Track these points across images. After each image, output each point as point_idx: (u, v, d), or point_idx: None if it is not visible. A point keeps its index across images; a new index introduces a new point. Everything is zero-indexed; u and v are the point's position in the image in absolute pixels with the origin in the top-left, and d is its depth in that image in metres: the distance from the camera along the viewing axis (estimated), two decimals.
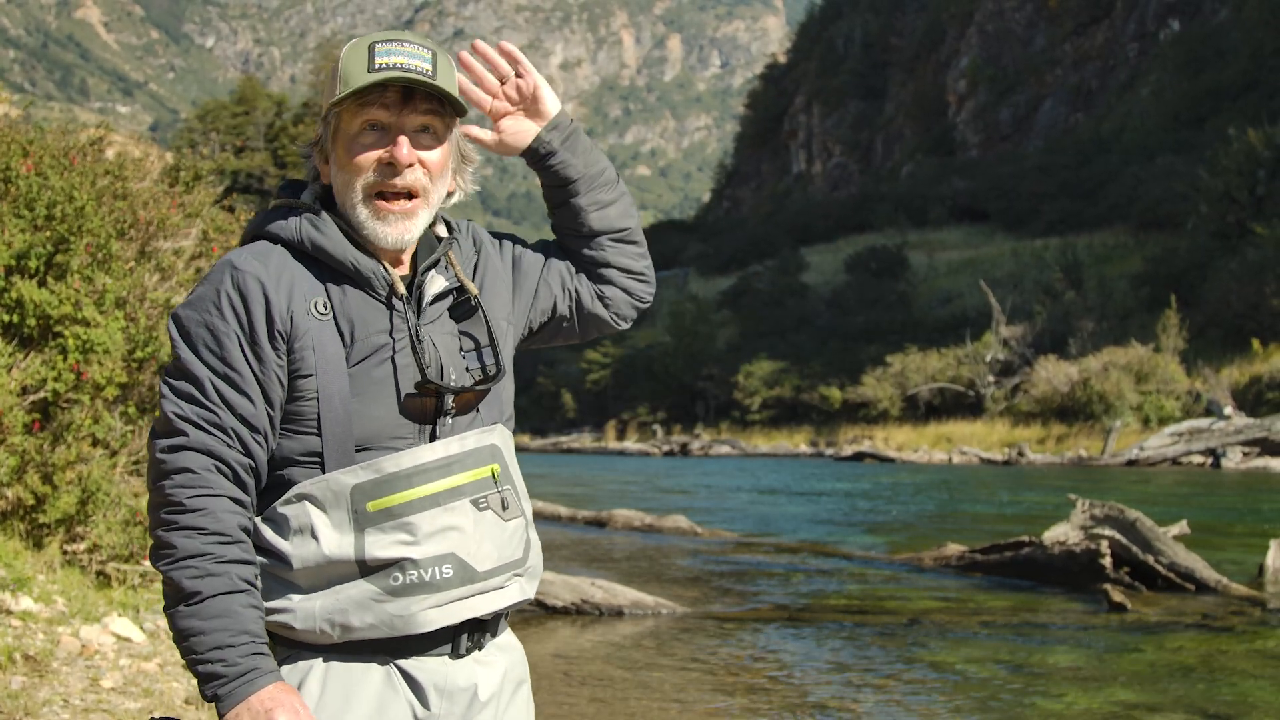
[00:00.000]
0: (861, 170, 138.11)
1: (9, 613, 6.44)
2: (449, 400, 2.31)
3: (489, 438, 2.35)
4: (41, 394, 7.38)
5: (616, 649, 9.09)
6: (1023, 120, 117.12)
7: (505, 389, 2.47)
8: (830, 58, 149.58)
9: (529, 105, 2.56)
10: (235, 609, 2.15)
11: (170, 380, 2.24)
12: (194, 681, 1.99)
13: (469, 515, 2.28)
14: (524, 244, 2.62)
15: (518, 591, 2.37)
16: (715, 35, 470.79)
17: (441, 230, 2.46)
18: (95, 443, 7.59)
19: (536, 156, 2.56)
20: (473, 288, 2.39)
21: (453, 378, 2.32)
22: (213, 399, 2.21)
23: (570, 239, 2.62)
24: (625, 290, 2.65)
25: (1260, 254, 50.08)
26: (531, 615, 10.32)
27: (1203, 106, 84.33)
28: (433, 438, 2.30)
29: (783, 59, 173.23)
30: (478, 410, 2.38)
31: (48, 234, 7.53)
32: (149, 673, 6.15)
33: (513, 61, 2.55)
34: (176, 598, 2.16)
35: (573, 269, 2.62)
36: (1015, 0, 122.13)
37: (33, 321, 7.41)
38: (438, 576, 2.23)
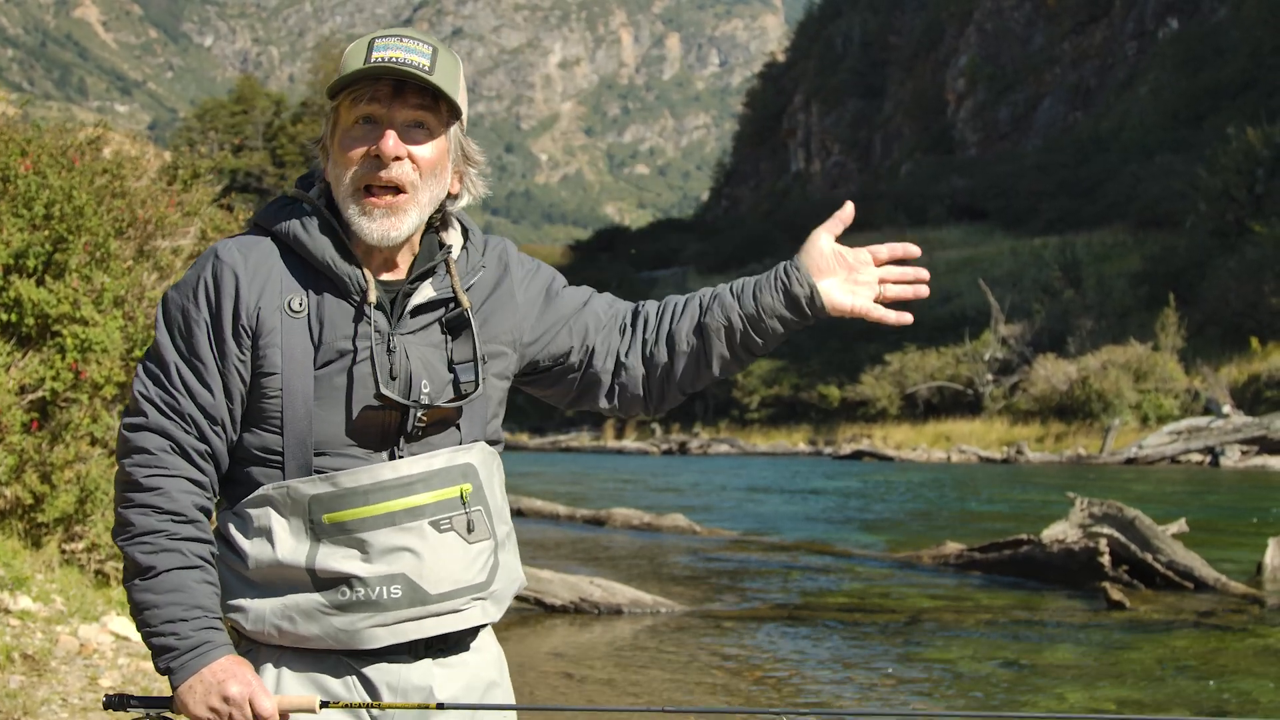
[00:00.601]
0: (860, 169, 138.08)
1: (7, 612, 6.44)
2: (416, 414, 2.27)
3: (464, 456, 2.31)
4: (40, 393, 7.38)
5: (615, 647, 9.10)
6: (1021, 119, 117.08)
7: (495, 408, 2.42)
8: (829, 56, 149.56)
9: (856, 284, 2.50)
10: (189, 584, 2.17)
11: (145, 360, 2.28)
12: None
13: (425, 537, 2.25)
14: (564, 284, 2.54)
15: (479, 614, 2.32)
16: (714, 34, 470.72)
17: (451, 237, 2.41)
18: (94, 442, 7.59)
19: (804, 308, 2.47)
20: (465, 300, 2.33)
21: (425, 392, 2.28)
22: (176, 384, 2.23)
23: (688, 323, 2.50)
24: (645, 385, 2.53)
25: (1259, 252, 50.08)
26: (530, 614, 10.32)
27: (1201, 105, 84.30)
28: (393, 453, 2.27)
29: (781, 58, 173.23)
30: (458, 427, 2.33)
31: (46, 233, 7.53)
32: (147, 671, 6.15)
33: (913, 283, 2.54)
34: (133, 572, 2.19)
35: (603, 326, 2.53)
36: None
37: (31, 320, 7.41)
38: (385, 596, 2.22)
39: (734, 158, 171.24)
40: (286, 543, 2.23)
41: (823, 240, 2.50)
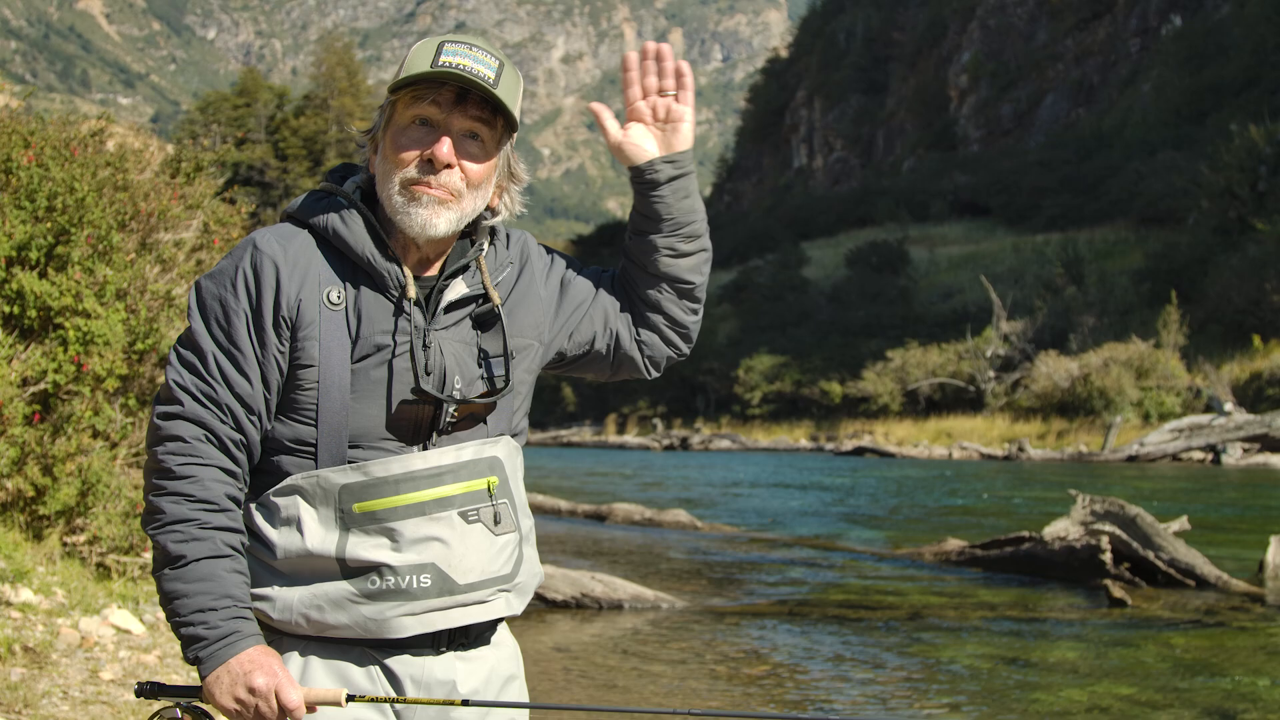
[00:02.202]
0: (863, 165, 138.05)
1: (9, 604, 6.44)
2: (449, 409, 2.29)
3: (491, 450, 2.33)
4: (42, 385, 7.38)
5: (616, 643, 9.09)
6: (1024, 115, 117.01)
7: (521, 403, 2.46)
8: (832, 52, 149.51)
9: (664, 127, 2.53)
10: (219, 573, 2.17)
11: (179, 348, 2.27)
12: (194, 672, 2.02)
13: (454, 527, 2.26)
14: (577, 269, 2.58)
15: (503, 606, 2.35)
16: (717, 29, 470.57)
17: (481, 235, 2.43)
18: (95, 434, 7.59)
19: (640, 179, 2.52)
20: (496, 297, 2.36)
21: (457, 387, 2.30)
22: (213, 373, 2.23)
23: (635, 270, 2.58)
24: (665, 340, 2.60)
25: (1261, 250, 50.07)
26: (532, 609, 10.31)
27: (1204, 102, 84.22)
28: (425, 447, 2.29)
29: (784, 53, 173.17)
30: (485, 421, 2.36)
31: (49, 225, 7.53)
32: (149, 665, 6.15)
33: (680, 85, 2.53)
34: (163, 561, 2.19)
35: (618, 306, 2.58)
36: None
37: (33, 313, 7.40)
38: (415, 585, 2.23)
39: (736, 153, 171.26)
40: (316, 532, 2.24)
41: (618, 136, 2.54)
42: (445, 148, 2.26)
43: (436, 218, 2.28)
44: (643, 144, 2.52)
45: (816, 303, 77.86)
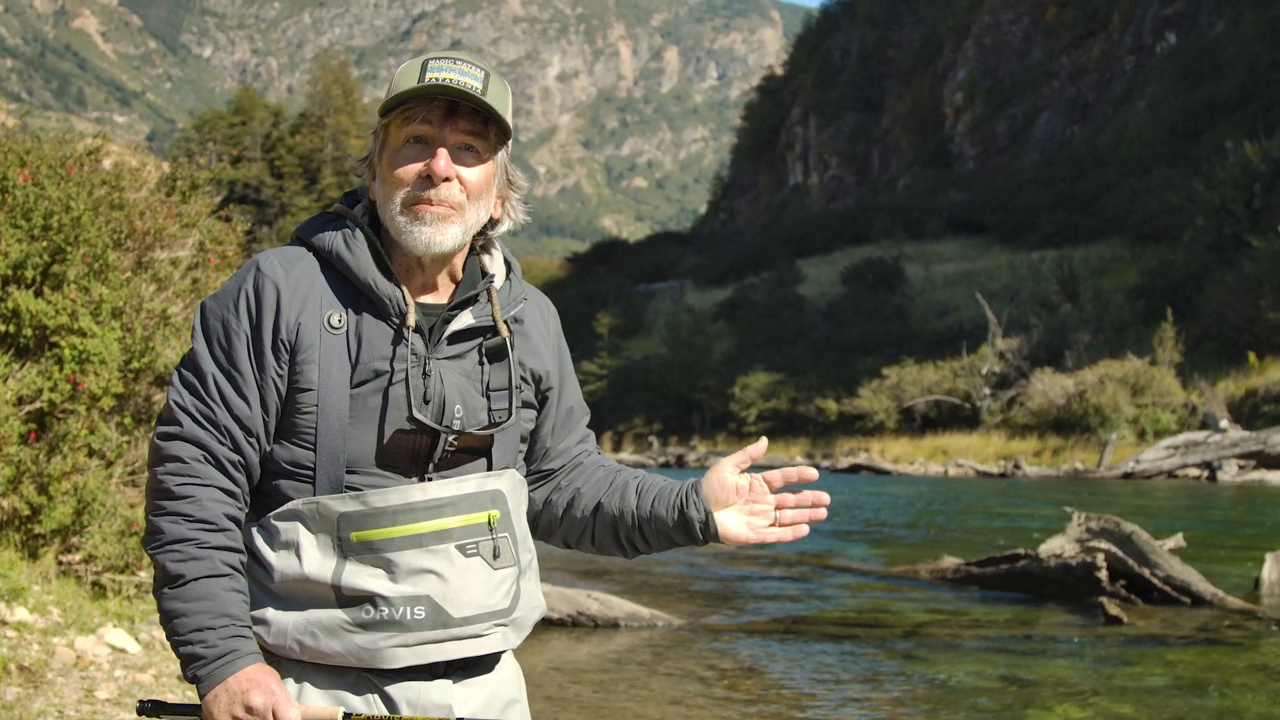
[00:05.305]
0: (858, 182, 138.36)
1: (4, 623, 6.43)
2: (447, 439, 2.28)
3: (494, 483, 2.33)
4: (37, 404, 7.37)
5: (612, 661, 9.08)
6: (1019, 133, 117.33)
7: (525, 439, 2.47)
8: (827, 70, 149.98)
9: (750, 515, 2.51)
10: (217, 592, 2.17)
11: (181, 369, 2.28)
12: (189, 691, 2.02)
13: (451, 560, 2.25)
14: (574, 387, 2.59)
15: (499, 641, 2.34)
16: (712, 47, 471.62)
17: (494, 266, 2.43)
18: (91, 453, 7.58)
19: (690, 530, 2.47)
20: (505, 330, 2.35)
21: (458, 417, 2.29)
22: (212, 395, 2.23)
23: (588, 499, 2.54)
24: (532, 515, 2.59)
25: (1256, 267, 50.11)
26: None
27: (1199, 119, 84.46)
28: (424, 475, 2.29)
29: (779, 71, 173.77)
30: (489, 454, 2.35)
31: (44, 244, 7.52)
32: (144, 684, 6.14)
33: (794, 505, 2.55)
34: (162, 580, 2.20)
35: (559, 450, 2.58)
36: (1012, 13, 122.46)
37: (29, 332, 7.40)
38: (409, 617, 2.22)
39: (732, 171, 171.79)
40: (314, 558, 2.24)
41: (726, 472, 2.50)
42: (442, 161, 2.26)
43: (441, 235, 2.27)
44: (739, 527, 2.50)
45: (812, 320, 77.96)
